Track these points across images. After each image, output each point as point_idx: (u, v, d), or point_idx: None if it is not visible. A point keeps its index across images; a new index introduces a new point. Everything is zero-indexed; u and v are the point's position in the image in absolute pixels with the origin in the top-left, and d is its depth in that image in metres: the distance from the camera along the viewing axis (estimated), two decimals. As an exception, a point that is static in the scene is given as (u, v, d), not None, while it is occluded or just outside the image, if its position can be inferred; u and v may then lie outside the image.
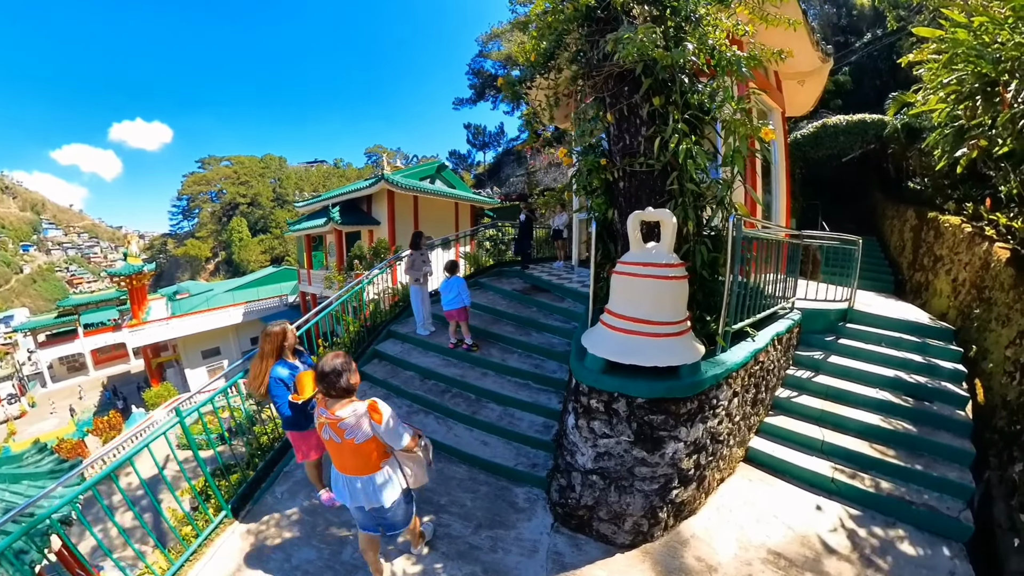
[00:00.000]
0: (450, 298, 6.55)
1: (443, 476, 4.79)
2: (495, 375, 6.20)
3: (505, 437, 5.19)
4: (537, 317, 7.30)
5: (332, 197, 22.01)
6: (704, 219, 4.09)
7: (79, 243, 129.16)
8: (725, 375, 3.97)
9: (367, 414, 2.79)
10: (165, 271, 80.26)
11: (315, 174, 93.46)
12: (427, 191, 20.69)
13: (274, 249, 73.81)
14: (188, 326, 28.93)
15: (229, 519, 4.42)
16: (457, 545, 3.93)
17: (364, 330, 7.86)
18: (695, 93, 3.89)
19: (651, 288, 3.48)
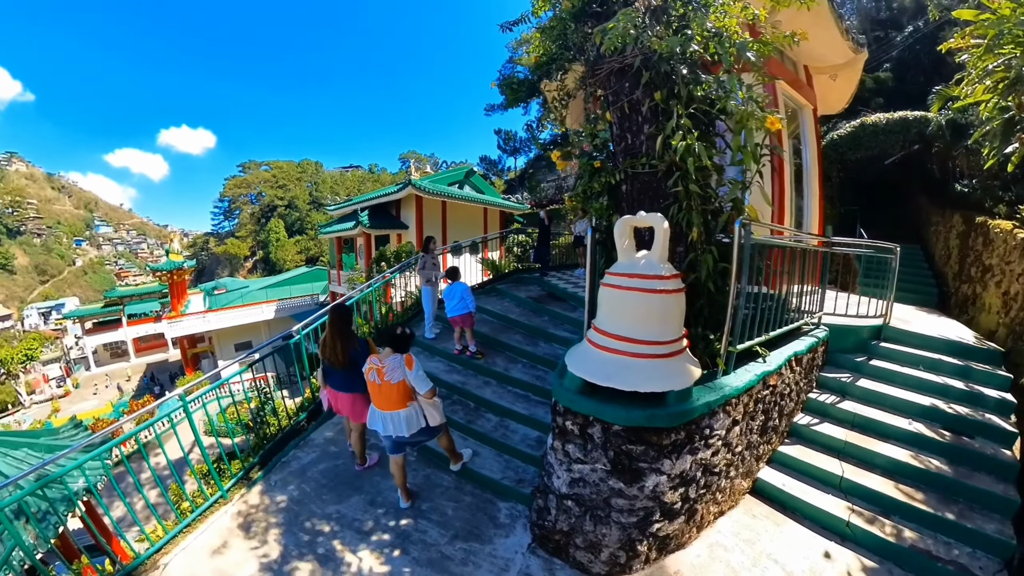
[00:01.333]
0: (453, 304, 6.49)
1: (430, 482, 4.78)
2: (496, 385, 6.09)
3: (497, 449, 5.08)
4: (547, 327, 7.13)
5: (362, 201, 22.72)
6: (716, 225, 3.75)
7: (127, 239, 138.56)
8: (722, 402, 3.60)
9: (403, 363, 3.91)
10: (206, 267, 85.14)
11: (350, 179, 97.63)
12: (454, 196, 20.90)
13: (309, 250, 77.18)
14: (223, 320, 30.44)
15: (224, 500, 4.83)
16: (430, 552, 3.89)
17: (375, 332, 7.85)
18: (699, 85, 3.58)
19: (637, 302, 3.15)
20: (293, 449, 5.62)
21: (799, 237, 5.58)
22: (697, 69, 3.66)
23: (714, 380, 3.69)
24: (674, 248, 3.72)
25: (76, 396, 36.08)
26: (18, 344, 46.05)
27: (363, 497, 4.66)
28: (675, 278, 3.17)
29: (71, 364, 45.04)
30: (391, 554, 3.88)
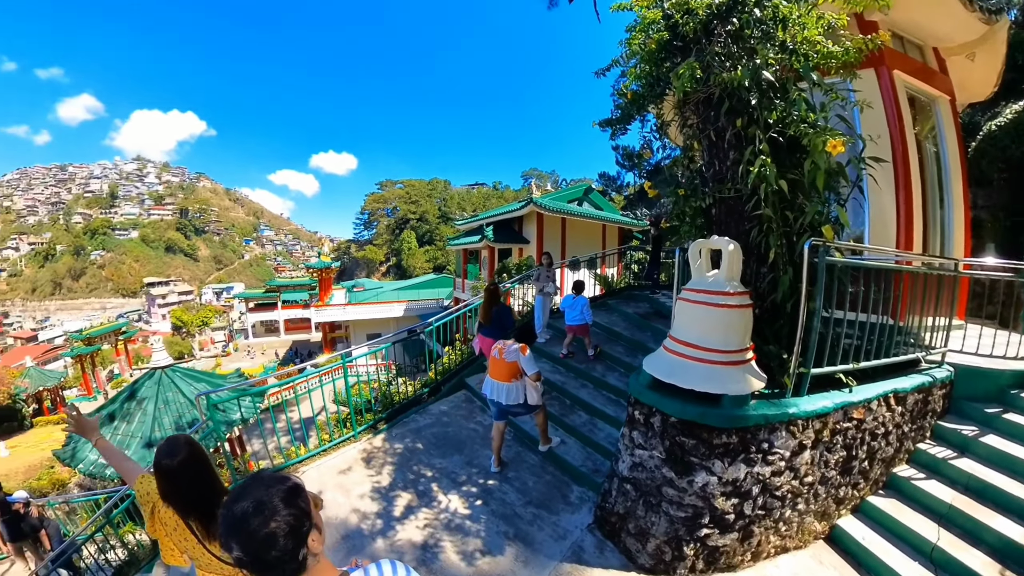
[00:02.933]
0: (573, 315, 7.36)
1: (519, 458, 5.62)
2: (592, 388, 6.77)
3: (582, 441, 5.74)
4: (648, 341, 7.56)
5: (487, 217, 24.92)
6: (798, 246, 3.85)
7: (285, 241, 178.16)
8: (784, 419, 3.73)
9: (519, 348, 4.86)
10: (347, 268, 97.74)
11: (476, 195, 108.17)
12: (573, 213, 21.93)
13: (437, 259, 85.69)
14: (359, 313, 35.86)
15: (355, 439, 6.39)
16: (505, 509, 4.69)
17: None
18: (772, 109, 3.80)
19: (704, 314, 3.60)
20: (414, 414, 7.03)
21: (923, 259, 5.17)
22: (772, 93, 3.84)
23: (780, 398, 3.84)
24: (758, 268, 4.06)
25: (234, 358, 48.05)
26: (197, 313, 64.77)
27: (463, 457, 5.68)
28: (740, 295, 3.56)
29: (233, 333, 59.48)
30: (474, 502, 4.80)
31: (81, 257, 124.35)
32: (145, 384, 12.23)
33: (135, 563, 5.93)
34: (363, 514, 4.76)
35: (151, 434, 10.80)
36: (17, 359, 44.39)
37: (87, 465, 10.53)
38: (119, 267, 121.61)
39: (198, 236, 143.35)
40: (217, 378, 13.94)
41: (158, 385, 12.06)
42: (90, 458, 10.56)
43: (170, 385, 12.13)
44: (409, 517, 4.67)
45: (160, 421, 11.21)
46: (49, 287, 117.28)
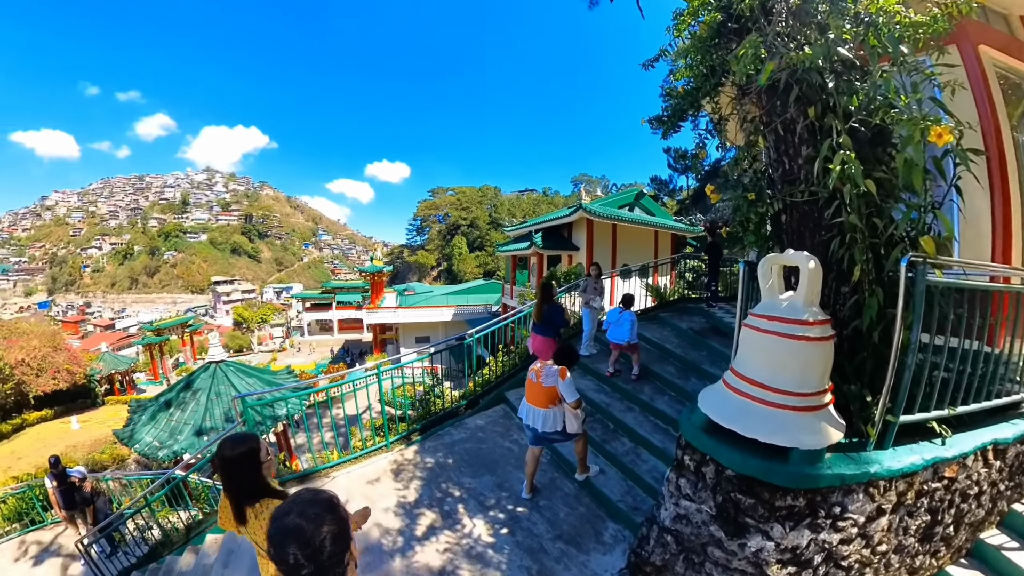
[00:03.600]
0: (619, 332, 6.81)
1: (553, 485, 5.24)
2: (638, 412, 6.24)
3: (623, 473, 5.27)
4: (703, 362, 6.96)
5: (536, 224, 24.51)
6: (888, 261, 3.18)
7: (341, 246, 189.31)
8: (864, 480, 3.04)
9: (557, 372, 4.50)
10: (400, 272, 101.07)
11: (525, 201, 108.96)
12: (624, 219, 21.21)
13: (487, 264, 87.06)
14: (409, 316, 37.02)
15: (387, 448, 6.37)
16: (532, 541, 4.36)
17: None
18: (853, 95, 3.13)
19: (775, 347, 2.96)
20: (449, 427, 6.84)
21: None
22: (851, 74, 3.23)
23: (860, 452, 3.18)
24: (837, 288, 3.43)
25: (289, 353, 51.67)
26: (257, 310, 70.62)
27: (494, 479, 5.36)
28: (821, 324, 2.93)
29: (290, 330, 64.15)
30: (499, 530, 4.49)
31: (155, 257, 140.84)
32: (200, 376, 12.95)
33: (168, 544, 6.55)
34: (385, 529, 4.60)
35: (202, 423, 11.45)
36: (95, 344, 51.94)
37: (142, 446, 11.20)
38: (189, 266, 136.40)
39: (261, 240, 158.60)
40: (267, 374, 14.46)
41: (212, 378, 12.73)
42: (145, 440, 11.24)
43: (223, 379, 12.75)
44: (430, 538, 4.44)
45: (211, 412, 11.82)
46: (127, 282, 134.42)
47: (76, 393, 26.50)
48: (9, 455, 18.46)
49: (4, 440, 20.47)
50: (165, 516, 7.01)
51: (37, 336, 27.05)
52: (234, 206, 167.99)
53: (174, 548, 6.46)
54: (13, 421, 21.94)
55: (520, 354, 8.53)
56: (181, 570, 5.60)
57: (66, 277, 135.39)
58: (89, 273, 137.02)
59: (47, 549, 8.90)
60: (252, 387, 12.62)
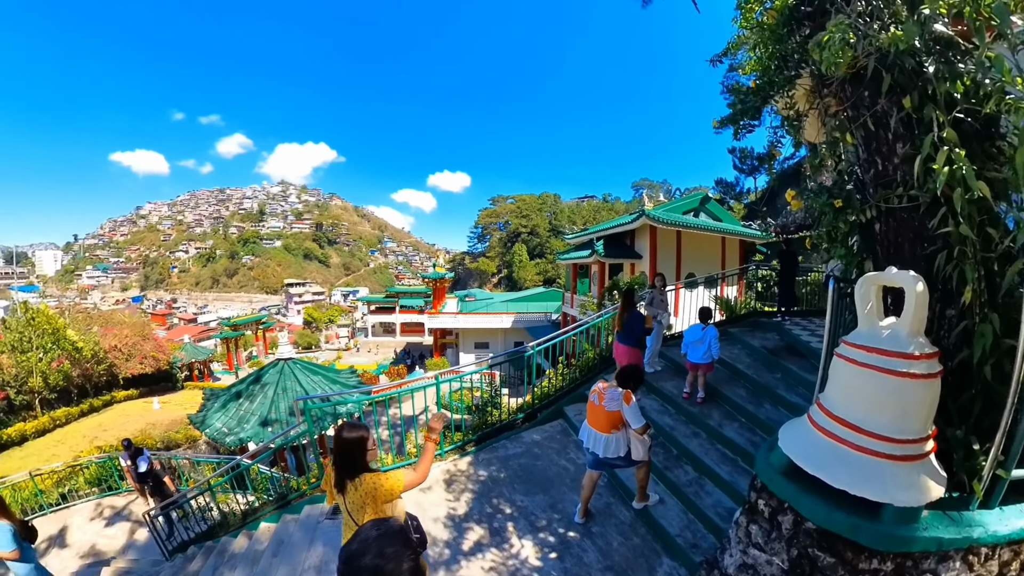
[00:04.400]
0: (700, 350, 6.31)
1: (609, 511, 4.99)
2: (705, 439, 5.84)
3: (684, 504, 4.93)
4: (777, 386, 6.42)
5: (598, 231, 24.05)
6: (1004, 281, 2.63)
7: (405, 252, 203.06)
8: (964, 545, 2.55)
9: (622, 396, 4.23)
10: (460, 279, 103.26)
11: (585, 208, 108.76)
12: (689, 225, 20.23)
13: (547, 272, 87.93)
14: (469, 322, 37.70)
15: (440, 457, 6.37)
16: (580, 570, 4.16)
17: (599, 357, 8.47)
18: (957, 79, 2.65)
19: (873, 384, 2.57)
20: (504, 440, 6.76)
21: None
22: (952, 55, 2.75)
23: (961, 511, 2.69)
24: (943, 311, 2.94)
25: (353, 352, 55.30)
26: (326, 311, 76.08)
27: (546, 498, 5.19)
28: (928, 359, 2.50)
29: (355, 330, 68.51)
30: (548, 554, 4.31)
31: (235, 260, 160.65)
32: (269, 371, 13.82)
33: (225, 525, 6.99)
34: (433, 539, 4.56)
35: (267, 415, 12.16)
36: (179, 335, 59.47)
37: (212, 431, 11.99)
38: (264, 269, 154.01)
39: (331, 246, 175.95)
40: (332, 372, 15.18)
41: (280, 374, 13.54)
42: (215, 426, 12.06)
43: (290, 375, 13.52)
44: (476, 555, 4.35)
45: (277, 405, 12.52)
46: (209, 282, 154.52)
47: (160, 377, 29.44)
48: (97, 426, 20.60)
49: (95, 413, 23.00)
50: (225, 501, 7.40)
51: (129, 326, 30.72)
52: (306, 215, 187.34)
53: (230, 530, 6.84)
54: (103, 397, 24.68)
55: (581, 367, 8.29)
56: (234, 552, 5.88)
57: (156, 276, 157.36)
58: (176, 273, 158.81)
59: (119, 513, 10.03)
60: (317, 384, 13.39)
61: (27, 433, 18.26)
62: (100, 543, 8.51)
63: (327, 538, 4.91)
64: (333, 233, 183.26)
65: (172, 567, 7.07)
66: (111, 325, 29.85)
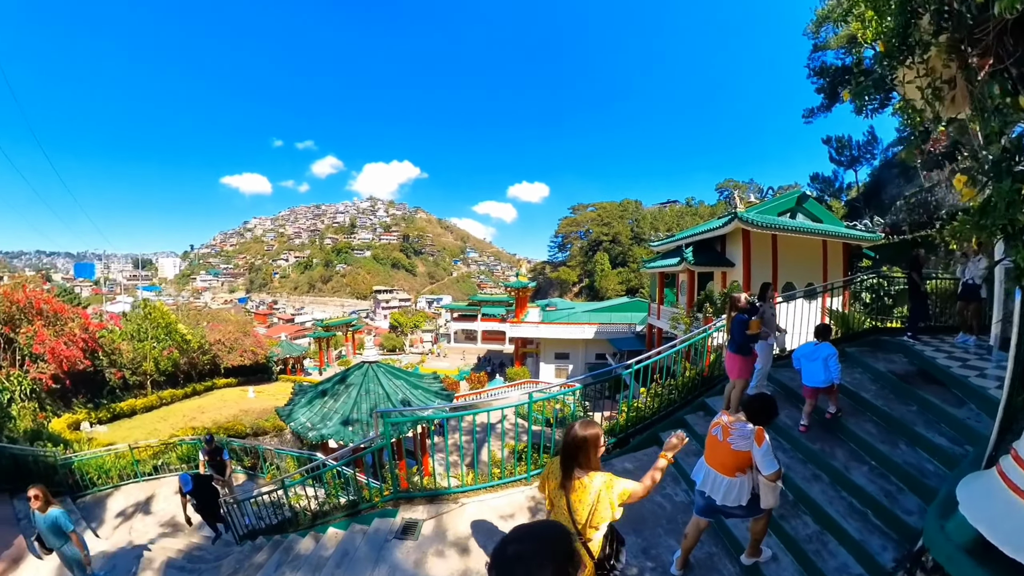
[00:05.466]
0: (814, 370, 5.51)
1: (710, 563, 4.33)
2: (828, 483, 4.93)
3: (801, 564, 4.12)
4: (914, 422, 5.32)
5: (685, 237, 22.72)
6: None
7: (487, 262, 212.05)
8: None
9: (753, 434, 3.57)
10: (541, 288, 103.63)
11: (668, 214, 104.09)
12: (786, 227, 18.48)
13: (629, 281, 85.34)
14: (551, 331, 37.32)
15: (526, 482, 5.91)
16: None
17: (699, 378, 7.76)
18: None
19: None
20: None
21: None
22: None
23: None
24: None
25: (436, 357, 58.08)
26: (411, 317, 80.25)
27: (638, 540, 4.58)
28: None
29: (438, 336, 71.64)
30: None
31: (329, 268, 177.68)
32: (354, 373, 14.30)
33: (295, 523, 7.09)
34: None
35: (350, 414, 12.54)
36: (277, 333, 67.19)
37: (297, 425, 12.57)
38: (355, 277, 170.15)
39: (416, 256, 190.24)
40: (414, 377, 15.58)
41: (364, 376, 13.95)
42: (300, 420, 12.64)
43: (373, 377, 13.89)
44: None
45: (359, 406, 12.88)
46: (305, 287, 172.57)
47: (257, 369, 32.66)
48: (196, 408, 22.91)
49: (196, 396, 25.77)
50: (297, 500, 7.52)
51: (233, 323, 34.96)
52: (393, 228, 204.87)
53: (299, 528, 6.90)
54: (206, 383, 27.93)
55: (680, 388, 7.53)
56: (299, 552, 5.90)
57: (260, 281, 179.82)
58: (277, 278, 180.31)
59: None
60: (398, 388, 13.72)
61: (137, 408, 21.09)
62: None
63: (393, 560, 4.69)
64: (419, 244, 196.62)
65: (240, 554, 7.37)
66: (217, 322, 33.61)
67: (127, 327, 24.38)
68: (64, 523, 5.58)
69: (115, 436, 16.36)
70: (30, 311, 16.11)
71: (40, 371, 15.65)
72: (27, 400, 14.92)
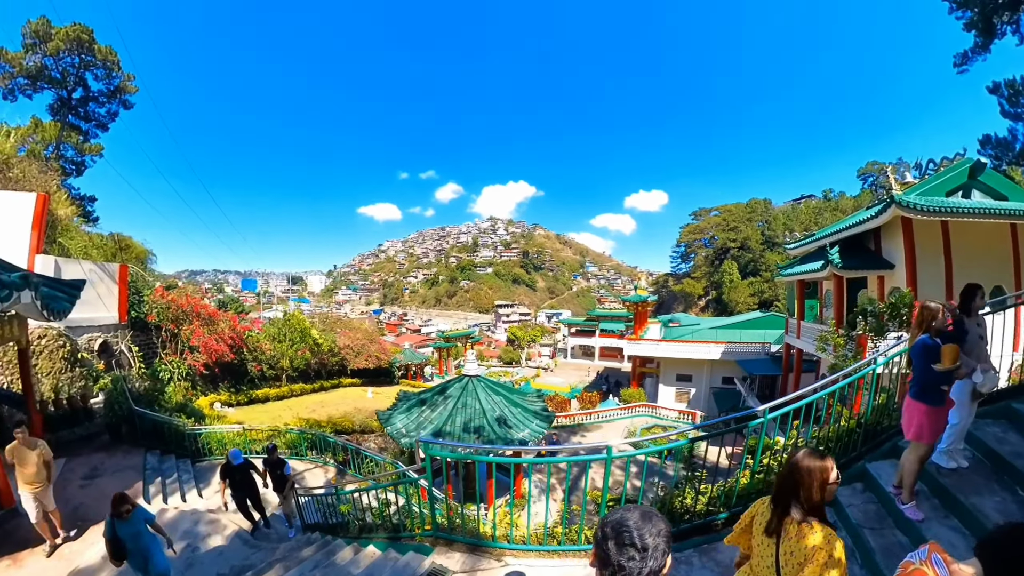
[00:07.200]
0: None
1: None
2: None
3: None
4: None
5: (828, 235, 18.86)
6: None
7: (607, 276, 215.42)
8: None
9: None
10: (664, 302, 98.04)
11: (803, 211, 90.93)
12: (964, 210, 13.84)
13: (763, 292, 77.06)
14: (672, 350, 34.46)
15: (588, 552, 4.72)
16: None
17: (859, 430, 5.52)
18: None
19: None
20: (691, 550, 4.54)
21: None
22: None
23: None
24: None
25: (552, 372, 57.33)
26: (531, 330, 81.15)
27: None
28: None
29: (556, 350, 71.37)
30: None
31: (454, 284, 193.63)
32: (455, 385, 14.36)
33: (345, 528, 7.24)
34: None
35: (443, 426, 12.56)
36: (405, 341, 74.11)
37: (393, 430, 13.12)
38: (478, 292, 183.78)
39: (536, 272, 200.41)
40: (515, 394, 15.31)
41: (463, 389, 13.93)
42: (397, 425, 13.13)
43: (472, 392, 13.79)
44: None
45: (454, 418, 12.86)
46: (432, 301, 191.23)
47: (380, 372, 35.43)
48: (318, 402, 24.92)
49: (322, 391, 28.56)
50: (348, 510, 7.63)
51: (361, 331, 38.10)
52: (513, 245, 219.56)
53: (348, 534, 7.00)
54: (332, 381, 30.86)
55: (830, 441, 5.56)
56: (334, 561, 5.88)
57: (392, 295, 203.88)
58: (408, 293, 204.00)
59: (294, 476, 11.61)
60: (496, 405, 13.50)
61: (270, 396, 24.26)
62: (269, 495, 9.47)
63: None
64: (538, 260, 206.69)
65: (295, 542, 7.92)
66: (347, 329, 36.90)
67: (269, 330, 28.25)
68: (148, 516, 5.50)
69: (245, 416, 18.60)
70: (191, 313, 19.26)
71: (195, 359, 18.87)
72: (182, 380, 17.98)
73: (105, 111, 30.58)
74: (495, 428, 12.30)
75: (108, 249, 20.68)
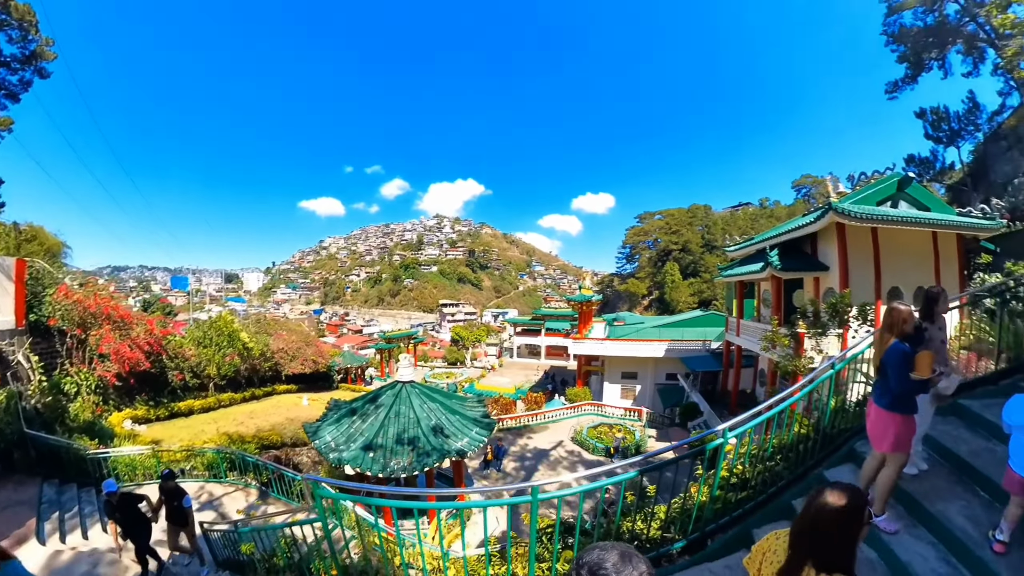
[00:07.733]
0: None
1: None
2: None
3: None
4: None
5: (768, 239, 19.85)
6: None
7: (553, 275, 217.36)
8: None
9: None
10: (609, 301, 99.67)
11: (741, 217, 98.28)
12: (894, 218, 15.27)
13: (703, 292, 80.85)
14: (617, 349, 34.87)
15: None
16: None
17: (816, 436, 5.14)
18: None
19: None
20: None
21: None
22: None
23: None
24: None
25: (498, 372, 56.88)
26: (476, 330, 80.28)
27: None
28: None
29: (503, 349, 71.30)
30: None
31: (397, 283, 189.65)
32: (386, 392, 13.15)
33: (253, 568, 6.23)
34: None
35: (373, 439, 11.45)
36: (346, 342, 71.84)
37: (321, 443, 11.81)
38: (422, 291, 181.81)
39: (482, 271, 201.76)
40: (453, 400, 14.05)
41: (396, 397, 12.74)
42: (325, 438, 11.89)
43: (406, 399, 12.65)
44: None
45: (386, 429, 11.74)
46: (375, 300, 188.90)
47: (318, 377, 33.58)
48: (248, 413, 22.70)
49: (254, 400, 26.31)
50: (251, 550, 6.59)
51: (297, 333, 36.11)
52: (459, 243, 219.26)
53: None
54: (266, 388, 28.73)
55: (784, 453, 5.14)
56: None
57: (334, 294, 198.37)
58: (350, 292, 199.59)
59: (211, 501, 11.02)
60: (432, 413, 12.49)
61: (195, 408, 21.93)
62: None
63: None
64: (484, 259, 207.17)
65: None
66: (282, 331, 34.71)
67: (193, 334, 25.66)
68: None
69: (164, 433, 16.77)
70: (100, 316, 17.06)
71: (106, 369, 16.68)
72: (91, 394, 15.86)
73: (17, 79, 25.16)
74: (430, 439, 11.33)
75: (10, 240, 17.48)
